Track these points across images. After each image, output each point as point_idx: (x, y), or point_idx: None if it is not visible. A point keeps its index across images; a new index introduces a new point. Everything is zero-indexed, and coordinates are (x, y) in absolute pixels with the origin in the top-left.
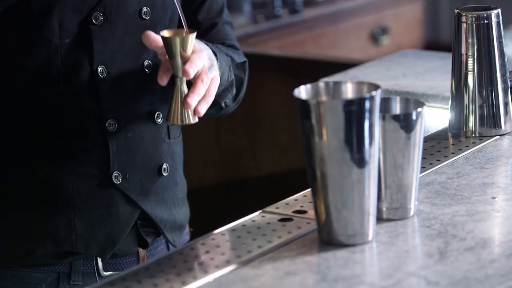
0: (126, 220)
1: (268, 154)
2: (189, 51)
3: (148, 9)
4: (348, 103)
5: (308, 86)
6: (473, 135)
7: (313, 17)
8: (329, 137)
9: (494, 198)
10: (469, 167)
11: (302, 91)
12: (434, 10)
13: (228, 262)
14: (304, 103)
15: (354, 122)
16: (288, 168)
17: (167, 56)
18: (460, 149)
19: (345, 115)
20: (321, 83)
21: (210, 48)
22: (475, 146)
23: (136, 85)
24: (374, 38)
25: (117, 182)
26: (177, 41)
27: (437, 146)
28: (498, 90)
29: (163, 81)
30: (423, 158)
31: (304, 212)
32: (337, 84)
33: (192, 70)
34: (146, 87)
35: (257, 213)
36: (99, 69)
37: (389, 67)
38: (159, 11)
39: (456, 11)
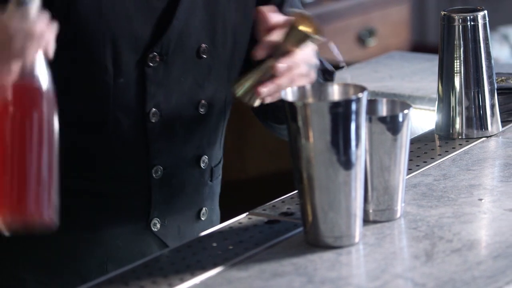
0: None
1: (255, 156)
2: (299, 47)
3: (206, 46)
4: (335, 105)
5: (295, 88)
6: (459, 137)
7: None
8: (315, 139)
9: (480, 199)
10: (456, 168)
11: (289, 93)
12: (421, 12)
13: (215, 264)
14: (290, 105)
15: (340, 124)
16: (275, 170)
17: (277, 36)
18: (447, 151)
19: (331, 117)
20: (308, 85)
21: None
22: (461, 148)
23: (187, 129)
24: (361, 40)
25: (155, 229)
26: (301, 33)
27: (424, 148)
28: (484, 91)
29: (260, 55)
30: (410, 160)
31: (291, 214)
32: (324, 86)
33: (283, 68)
34: (197, 130)
35: (244, 215)
36: (151, 112)
37: (375, 69)
38: (219, 48)
39: (443, 13)
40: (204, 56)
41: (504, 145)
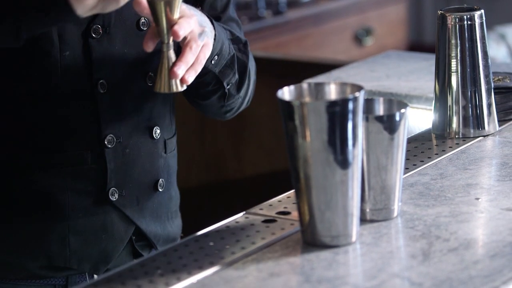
0: (120, 237)
1: (252, 155)
2: (175, 15)
3: (146, 19)
4: (331, 104)
5: (292, 87)
6: (456, 136)
7: (297, 18)
8: (312, 138)
9: (477, 199)
10: (453, 168)
11: (286, 92)
12: (417, 11)
13: (211, 264)
14: (287, 104)
15: (337, 123)
16: (272, 170)
17: (153, 22)
18: (444, 150)
19: (328, 116)
20: (305, 84)
21: (206, 16)
22: (458, 147)
23: (136, 99)
24: (358, 39)
25: (113, 199)
26: (162, 5)
27: (421, 147)
28: (481, 91)
29: (149, 46)
30: (407, 159)
31: (288, 213)
32: (321, 85)
33: (181, 31)
34: (146, 101)
35: (241, 214)
36: (99, 83)
37: (372, 68)
38: None
39: (439, 12)
40: (144, 28)
41: (501, 144)
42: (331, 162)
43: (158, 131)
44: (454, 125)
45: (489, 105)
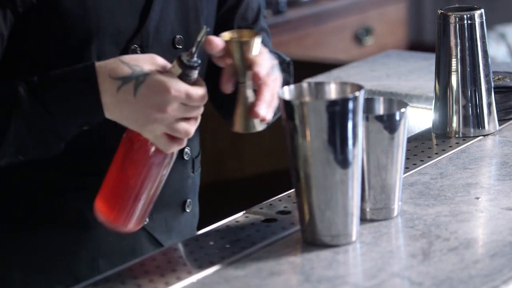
0: None
1: (252, 155)
2: (253, 54)
3: (181, 37)
4: (332, 104)
5: (292, 86)
6: (456, 136)
7: (297, 18)
8: (312, 137)
9: (477, 198)
10: (453, 167)
11: (286, 92)
12: (418, 10)
13: (211, 263)
14: (287, 104)
15: (337, 122)
16: (272, 169)
17: (229, 61)
18: (444, 150)
19: (328, 116)
20: (305, 84)
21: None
22: (458, 146)
23: None
24: (358, 38)
25: (144, 223)
26: (241, 44)
27: (421, 147)
28: (481, 90)
29: (228, 88)
30: (407, 158)
31: (288, 212)
32: (321, 85)
33: (263, 72)
34: None
35: (241, 213)
36: None
37: (372, 67)
38: (192, 38)
39: (439, 11)
40: (179, 46)
41: (501, 143)
42: (331, 162)
43: (189, 151)
44: (454, 124)
45: (489, 105)
